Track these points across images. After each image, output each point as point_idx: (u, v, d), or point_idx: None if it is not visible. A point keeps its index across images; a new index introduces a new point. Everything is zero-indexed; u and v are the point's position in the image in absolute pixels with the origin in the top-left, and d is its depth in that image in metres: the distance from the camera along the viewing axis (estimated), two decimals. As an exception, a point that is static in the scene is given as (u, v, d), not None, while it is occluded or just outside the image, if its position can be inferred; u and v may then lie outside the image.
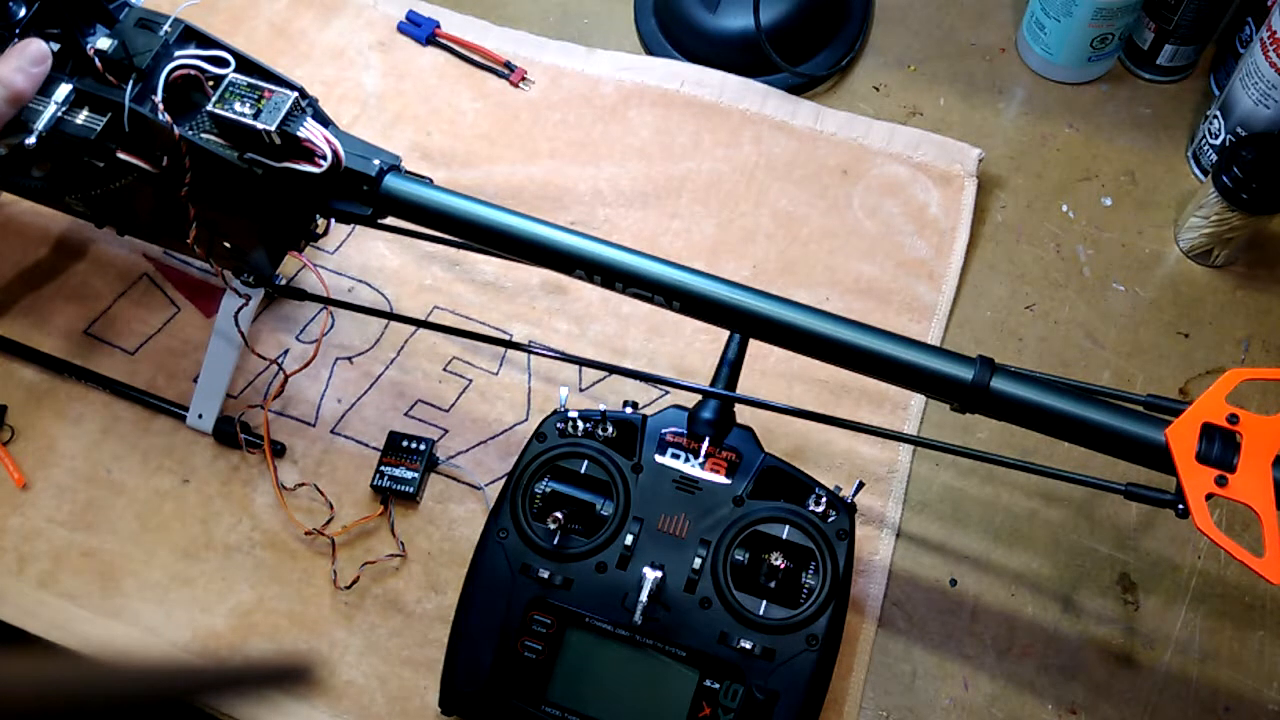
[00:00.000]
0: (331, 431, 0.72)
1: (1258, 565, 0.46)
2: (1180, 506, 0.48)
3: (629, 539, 0.59)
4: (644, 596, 0.57)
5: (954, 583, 0.68)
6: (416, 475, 0.69)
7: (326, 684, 0.65)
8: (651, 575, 0.57)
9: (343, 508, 0.70)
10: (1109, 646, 0.66)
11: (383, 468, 0.69)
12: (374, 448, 0.71)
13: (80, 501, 0.70)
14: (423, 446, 0.70)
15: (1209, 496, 0.47)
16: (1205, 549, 0.68)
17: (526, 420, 0.73)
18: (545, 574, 0.59)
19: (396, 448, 0.70)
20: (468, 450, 0.72)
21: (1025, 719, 0.64)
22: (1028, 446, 0.70)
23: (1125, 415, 0.50)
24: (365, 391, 0.74)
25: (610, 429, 0.62)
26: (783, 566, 0.57)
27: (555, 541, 0.60)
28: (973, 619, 0.66)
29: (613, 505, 0.60)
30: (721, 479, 0.61)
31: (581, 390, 0.74)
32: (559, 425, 0.62)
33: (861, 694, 0.64)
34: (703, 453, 0.61)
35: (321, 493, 0.70)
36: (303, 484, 0.70)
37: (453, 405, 0.73)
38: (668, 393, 0.73)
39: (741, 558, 0.59)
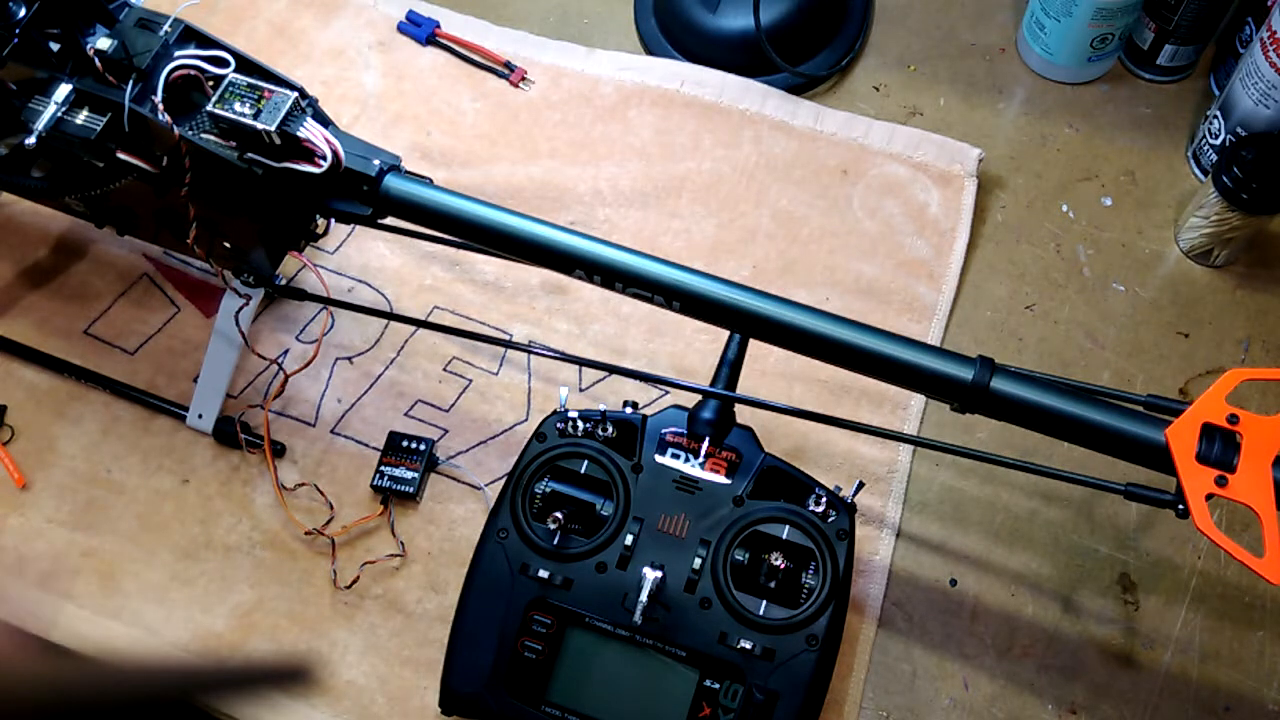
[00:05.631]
0: (331, 431, 0.72)
1: (1258, 565, 0.46)
2: (1180, 506, 0.48)
3: (629, 539, 0.59)
4: (644, 596, 0.57)
5: (954, 583, 0.68)
6: (416, 475, 0.69)
7: (326, 684, 0.65)
8: (651, 575, 0.57)
9: (343, 508, 0.70)
10: (1109, 646, 0.66)
11: (383, 468, 0.69)
12: (374, 448, 0.71)
13: (80, 501, 0.70)
14: (423, 446, 0.70)
15: (1209, 496, 0.47)
16: (1205, 549, 0.68)
17: (526, 420, 0.73)
18: (545, 574, 0.59)
19: (396, 448, 0.70)
20: (468, 450, 0.72)
21: (1025, 719, 0.64)
22: (1028, 446, 0.70)
23: (1125, 415, 0.50)
24: (365, 391, 0.74)
25: (610, 429, 0.62)
26: (783, 566, 0.57)
27: (555, 541, 0.59)
28: (973, 619, 0.66)
29: (613, 505, 0.60)
30: (721, 479, 0.61)
31: (581, 390, 0.74)
32: (559, 425, 0.62)
33: (861, 694, 0.64)
34: (703, 453, 0.61)
35: (321, 493, 0.70)
36: (303, 484, 0.70)
37: (453, 405, 0.73)
38: (668, 393, 0.73)
39: (741, 558, 0.59)
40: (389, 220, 0.58)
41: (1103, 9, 0.77)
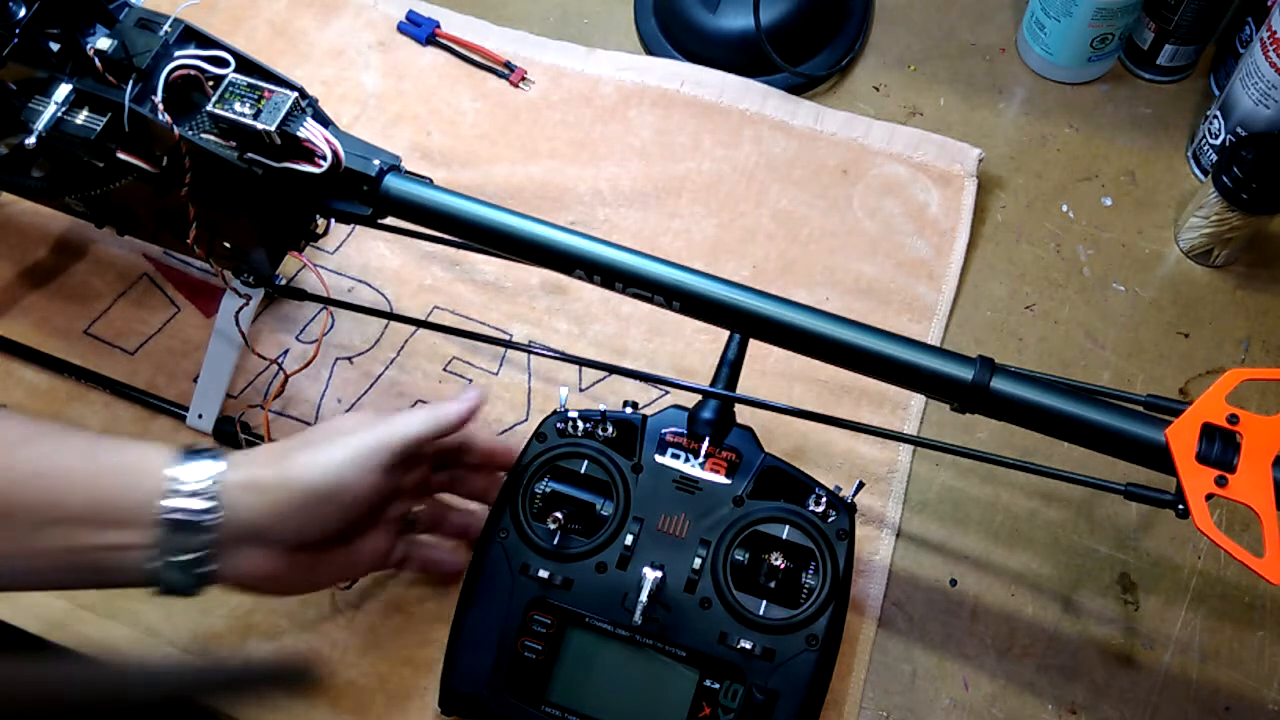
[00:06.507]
0: (331, 431, 0.72)
1: (1258, 565, 0.46)
2: (1180, 506, 0.48)
3: (629, 539, 0.59)
4: (644, 596, 0.57)
5: (954, 583, 0.68)
6: (416, 475, 0.69)
7: (326, 684, 0.65)
8: (651, 575, 0.57)
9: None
10: (1109, 646, 0.66)
11: (383, 468, 0.69)
12: (374, 448, 0.71)
13: (80, 501, 0.70)
14: (423, 446, 0.70)
15: (1209, 496, 0.47)
16: (1205, 549, 0.68)
17: (526, 420, 0.73)
18: (545, 574, 0.59)
19: (396, 448, 0.70)
20: (468, 450, 0.72)
21: (1025, 719, 0.64)
22: (1028, 446, 0.70)
23: (1125, 415, 0.50)
24: (365, 391, 0.74)
25: (610, 429, 0.62)
26: (783, 566, 0.57)
27: (555, 541, 0.59)
28: (973, 619, 0.66)
29: (613, 505, 0.60)
30: (721, 479, 0.61)
31: (581, 390, 0.74)
32: (559, 425, 0.62)
33: (861, 694, 0.64)
34: (703, 453, 0.61)
35: (321, 493, 0.70)
36: (303, 484, 0.70)
37: (453, 405, 0.73)
38: (668, 393, 0.73)
39: (741, 558, 0.59)
40: (389, 220, 0.58)
41: (1103, 9, 0.77)
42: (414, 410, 0.57)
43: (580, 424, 0.62)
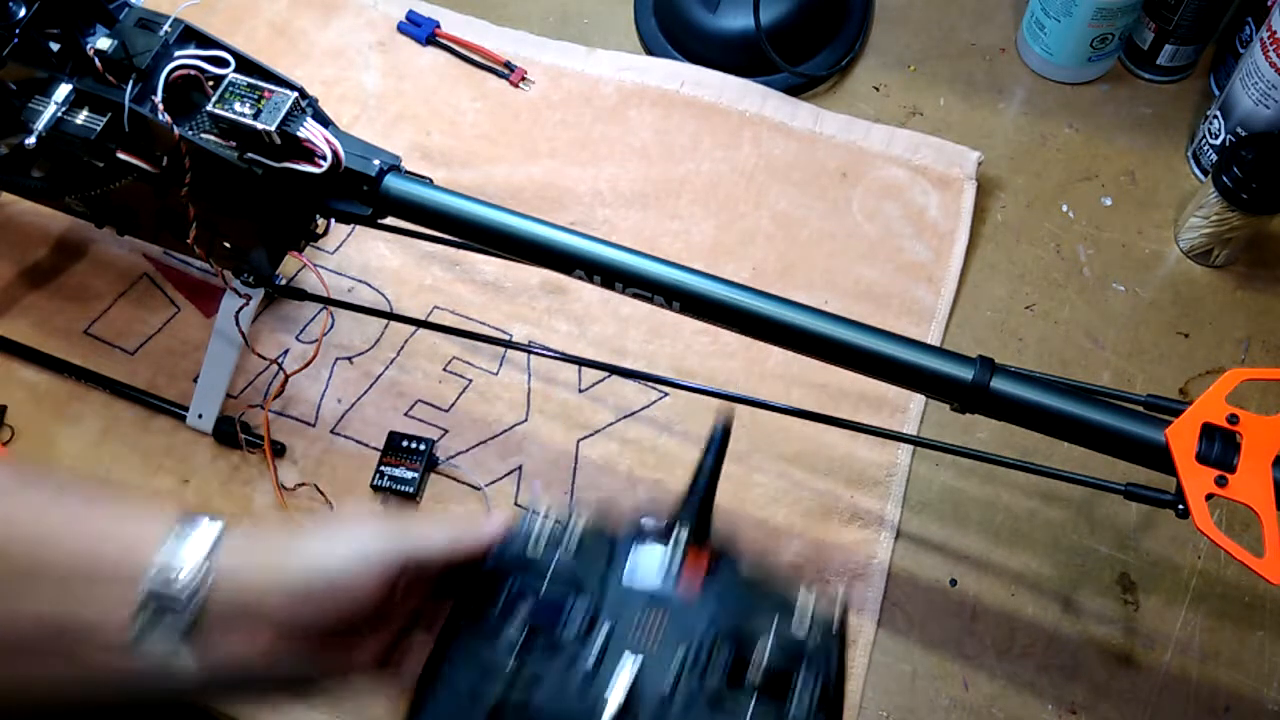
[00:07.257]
0: (331, 431, 0.72)
1: (1258, 565, 0.46)
2: (1180, 506, 0.48)
3: (599, 641, 0.49)
4: (614, 706, 0.48)
5: (954, 583, 0.68)
6: (416, 475, 0.69)
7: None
8: (624, 680, 0.46)
9: (343, 508, 0.70)
10: (1109, 646, 0.66)
11: (382, 468, 0.69)
12: (374, 448, 0.71)
13: (80, 501, 0.70)
14: (423, 446, 0.70)
15: (1209, 496, 0.47)
16: (1205, 549, 0.68)
17: (526, 420, 0.73)
18: (508, 675, 0.48)
19: (396, 448, 0.70)
20: (468, 450, 0.72)
21: (1025, 719, 0.64)
22: (1028, 446, 0.70)
23: (1125, 415, 0.50)
24: (365, 391, 0.74)
25: (578, 540, 0.51)
26: (765, 682, 0.50)
27: (519, 642, 0.49)
28: (973, 619, 0.66)
29: (585, 602, 0.50)
30: (696, 594, 0.49)
31: (581, 391, 0.74)
32: (524, 542, 0.51)
33: (861, 694, 0.64)
34: (678, 567, 0.50)
35: (321, 493, 0.70)
36: (303, 484, 0.70)
37: (453, 405, 0.73)
38: (666, 394, 0.73)
39: (718, 680, 0.47)
40: (389, 220, 0.58)
41: (1103, 9, 0.77)
42: (437, 524, 0.51)
43: (544, 541, 0.51)
